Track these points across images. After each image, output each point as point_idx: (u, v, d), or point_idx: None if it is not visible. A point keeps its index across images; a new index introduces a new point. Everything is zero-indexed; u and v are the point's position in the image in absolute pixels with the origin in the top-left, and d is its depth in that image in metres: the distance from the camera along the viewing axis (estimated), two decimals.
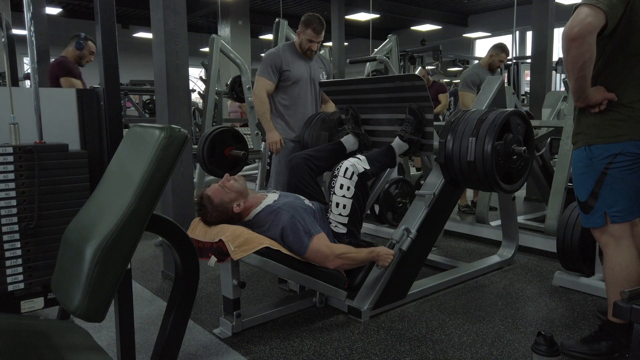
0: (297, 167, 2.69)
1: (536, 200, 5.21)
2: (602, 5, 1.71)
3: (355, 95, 2.94)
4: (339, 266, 2.36)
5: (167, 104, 2.95)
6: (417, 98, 2.64)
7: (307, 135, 3.26)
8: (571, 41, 1.73)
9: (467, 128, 2.50)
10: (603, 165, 1.91)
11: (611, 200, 1.92)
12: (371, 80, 2.99)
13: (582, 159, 1.97)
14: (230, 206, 2.31)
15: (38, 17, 5.20)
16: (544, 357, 1.73)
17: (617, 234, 1.96)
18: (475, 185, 2.62)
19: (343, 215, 2.46)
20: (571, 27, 1.72)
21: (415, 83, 2.59)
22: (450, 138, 2.56)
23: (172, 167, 1.07)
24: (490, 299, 2.73)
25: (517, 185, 2.64)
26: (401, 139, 2.67)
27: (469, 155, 2.44)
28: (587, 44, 1.73)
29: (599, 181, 1.92)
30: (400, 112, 2.74)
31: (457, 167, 2.53)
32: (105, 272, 0.98)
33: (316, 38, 3.19)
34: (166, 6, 2.88)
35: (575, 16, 1.73)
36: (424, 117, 2.67)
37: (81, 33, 4.40)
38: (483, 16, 15.07)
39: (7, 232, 1.63)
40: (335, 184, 2.46)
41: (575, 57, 1.75)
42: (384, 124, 2.91)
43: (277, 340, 2.26)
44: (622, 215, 1.93)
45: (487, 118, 2.46)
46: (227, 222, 2.31)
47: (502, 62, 4.67)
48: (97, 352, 1.13)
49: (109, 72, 1.79)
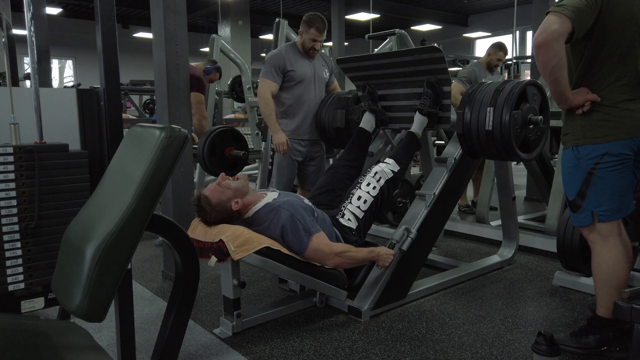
0: (338, 172, 2.83)
1: (536, 200, 5.21)
2: (567, 12, 1.77)
3: (373, 71, 2.96)
4: (339, 265, 2.36)
5: (167, 104, 2.95)
6: (434, 71, 2.68)
7: (324, 114, 3.25)
8: (538, 48, 1.81)
9: (485, 98, 2.49)
10: (590, 165, 1.95)
11: (598, 199, 1.96)
12: (389, 55, 3.00)
13: (570, 159, 2.01)
14: (228, 205, 2.31)
15: (38, 17, 5.20)
16: (544, 357, 1.73)
17: (604, 233, 2.00)
18: (493, 155, 2.61)
19: (361, 209, 2.53)
20: (537, 35, 1.79)
21: (434, 55, 2.63)
22: (468, 109, 2.55)
23: (172, 167, 1.07)
24: (490, 299, 2.73)
25: (534, 154, 2.65)
26: (420, 112, 2.73)
27: (487, 125, 2.45)
28: (554, 50, 1.80)
29: (586, 181, 1.96)
30: (417, 86, 2.78)
31: (475, 136, 2.52)
32: (105, 272, 0.98)
33: (319, 37, 3.20)
34: (166, 6, 2.88)
35: (543, 24, 1.80)
36: (441, 90, 2.71)
37: (217, 63, 4.63)
38: (483, 16, 15.06)
39: (8, 232, 1.63)
40: (363, 180, 2.59)
41: (544, 62, 1.82)
42: (401, 99, 2.94)
43: (277, 340, 2.26)
44: (609, 215, 1.97)
45: (504, 88, 2.46)
46: (227, 221, 2.31)
47: (500, 60, 4.67)
48: (97, 352, 1.13)
49: (109, 72, 1.79)
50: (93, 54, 2.12)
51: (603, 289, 2.02)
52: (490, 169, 4.05)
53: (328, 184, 2.79)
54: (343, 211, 2.55)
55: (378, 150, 3.20)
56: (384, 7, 12.63)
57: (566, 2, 1.80)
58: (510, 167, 3.21)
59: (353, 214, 2.53)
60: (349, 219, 2.52)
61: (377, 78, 2.97)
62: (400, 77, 2.87)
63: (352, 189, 2.63)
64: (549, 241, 3.40)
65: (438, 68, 2.67)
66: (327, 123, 3.20)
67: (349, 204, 2.56)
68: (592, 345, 2.05)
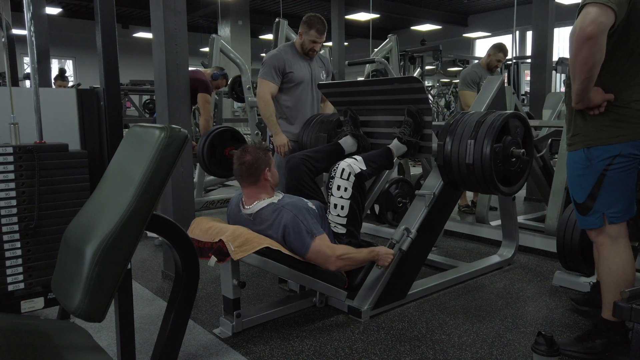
0: (296, 167, 2.69)
1: (536, 200, 5.21)
2: (611, 4, 1.68)
3: (354, 97, 2.93)
4: (340, 267, 2.36)
5: (167, 104, 2.95)
6: (415, 100, 2.64)
7: (305, 137, 3.26)
8: (585, 40, 1.69)
9: (466, 130, 2.49)
10: (602, 166, 1.90)
11: (609, 201, 1.92)
12: (370, 82, 2.99)
13: (580, 160, 1.95)
14: (263, 167, 2.35)
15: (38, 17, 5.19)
16: (544, 357, 1.73)
17: (614, 234, 1.96)
18: (474, 188, 2.62)
19: (341, 216, 2.47)
20: (584, 27, 1.68)
21: (414, 85, 2.59)
22: (449, 140, 2.55)
23: (172, 167, 1.07)
24: (490, 299, 2.73)
25: (515, 188, 2.64)
26: (400, 140, 2.67)
27: (468, 158, 2.43)
28: (600, 43, 1.71)
29: (598, 182, 1.91)
30: (399, 114, 2.74)
31: (456, 169, 2.53)
32: (105, 272, 0.98)
33: (319, 39, 3.20)
34: (166, 6, 2.88)
35: (586, 15, 1.69)
36: (422, 119, 2.66)
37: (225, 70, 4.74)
38: (483, 16, 15.07)
39: (7, 232, 1.63)
40: (332, 185, 2.49)
41: (587, 57, 1.72)
42: (383, 125, 2.91)
43: (277, 340, 2.26)
44: (620, 216, 1.94)
45: (485, 120, 2.46)
46: (251, 180, 2.35)
47: (500, 61, 4.67)
48: (97, 352, 1.13)
49: (109, 72, 1.79)
50: (93, 54, 2.12)
51: (612, 292, 1.94)
52: None
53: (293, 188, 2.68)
54: (329, 220, 2.51)
55: None
56: (383, 7, 12.63)
57: None
58: None
59: (336, 222, 2.49)
60: (335, 226, 2.49)
61: (358, 104, 2.93)
62: (381, 105, 2.83)
63: (327, 194, 2.55)
64: (548, 241, 3.40)
65: (418, 98, 2.61)
66: (309, 145, 3.19)
67: (329, 214, 2.50)
68: (599, 349, 1.99)
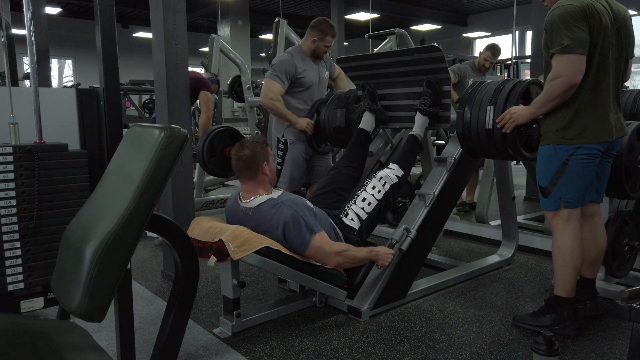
0: (340, 172, 2.83)
1: (536, 200, 5.19)
2: (583, 52, 2.02)
3: (372, 70, 2.95)
4: (339, 264, 2.36)
5: (167, 103, 2.95)
6: (434, 70, 2.67)
7: (324, 113, 3.24)
8: (572, 86, 2.04)
9: (485, 97, 2.50)
10: (565, 156, 2.16)
11: (566, 188, 2.18)
12: (389, 54, 3.00)
13: (548, 151, 2.21)
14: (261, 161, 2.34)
15: (38, 17, 5.19)
16: (544, 356, 1.73)
17: (566, 217, 2.21)
18: (493, 154, 2.61)
19: (365, 211, 2.56)
20: (573, 75, 2.03)
21: (434, 54, 2.62)
22: (467, 108, 2.55)
23: (172, 167, 1.07)
24: (489, 298, 2.73)
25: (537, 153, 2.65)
26: (421, 113, 2.73)
27: (487, 124, 2.45)
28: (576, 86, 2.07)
29: (560, 170, 2.17)
30: (417, 85, 2.78)
31: (475, 136, 2.52)
32: (105, 272, 0.98)
33: (332, 42, 3.26)
34: (166, 6, 2.88)
35: (569, 63, 2.02)
36: (441, 89, 2.71)
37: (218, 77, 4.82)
38: (483, 16, 15.06)
39: (7, 232, 1.63)
40: (368, 183, 2.61)
41: (565, 95, 2.08)
42: (401, 98, 2.94)
43: (277, 340, 2.26)
44: (574, 202, 2.20)
45: (504, 87, 2.46)
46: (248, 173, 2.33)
47: (487, 60, 4.63)
48: (97, 352, 1.13)
49: (108, 72, 1.79)
50: (93, 54, 2.12)
51: (561, 269, 2.22)
52: (490, 169, 4.05)
53: (330, 184, 2.79)
54: (347, 210, 2.57)
55: (378, 150, 3.20)
56: (383, 7, 12.62)
57: (574, 37, 2.00)
58: (510, 166, 3.21)
59: (356, 214, 2.54)
60: (352, 219, 2.53)
61: (376, 77, 2.96)
62: (399, 77, 2.87)
63: (357, 190, 2.64)
64: (548, 241, 3.36)
65: (438, 67, 2.67)
66: (327, 122, 3.20)
67: (353, 204, 2.57)
68: (547, 323, 2.24)
